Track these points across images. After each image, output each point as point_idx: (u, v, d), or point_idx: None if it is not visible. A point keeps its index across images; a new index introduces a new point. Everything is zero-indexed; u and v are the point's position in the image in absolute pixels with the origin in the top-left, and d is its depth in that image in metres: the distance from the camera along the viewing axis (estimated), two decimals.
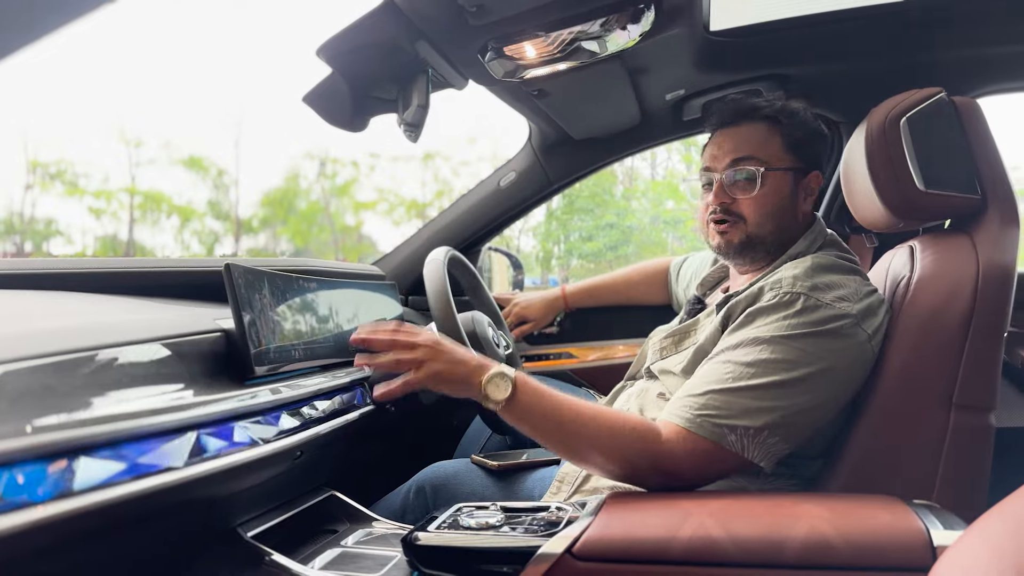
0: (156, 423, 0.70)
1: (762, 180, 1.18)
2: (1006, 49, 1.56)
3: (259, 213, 14.67)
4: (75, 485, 0.60)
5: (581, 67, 1.30)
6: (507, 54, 1.16)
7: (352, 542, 1.10)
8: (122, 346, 0.75)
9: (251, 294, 0.99)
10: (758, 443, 0.97)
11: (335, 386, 1.17)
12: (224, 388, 0.87)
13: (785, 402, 0.98)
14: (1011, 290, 1.04)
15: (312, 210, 14.62)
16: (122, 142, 15.73)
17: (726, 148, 1.21)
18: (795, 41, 1.55)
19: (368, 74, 1.17)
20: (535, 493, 1.23)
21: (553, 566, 0.83)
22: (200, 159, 14.75)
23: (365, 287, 1.46)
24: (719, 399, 0.98)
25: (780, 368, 0.99)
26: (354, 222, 14.92)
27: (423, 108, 1.17)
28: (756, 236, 1.20)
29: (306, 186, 14.75)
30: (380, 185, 15.38)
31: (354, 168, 14.51)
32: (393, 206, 14.67)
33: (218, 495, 0.85)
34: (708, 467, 0.99)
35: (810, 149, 1.21)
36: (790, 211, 1.20)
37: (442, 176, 15.12)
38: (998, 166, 1.13)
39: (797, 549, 0.81)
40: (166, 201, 14.56)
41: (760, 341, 1.01)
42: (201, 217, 14.84)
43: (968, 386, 1.01)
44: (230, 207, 14.98)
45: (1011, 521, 0.56)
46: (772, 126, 1.20)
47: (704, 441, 0.97)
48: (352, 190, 15.04)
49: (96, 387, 0.68)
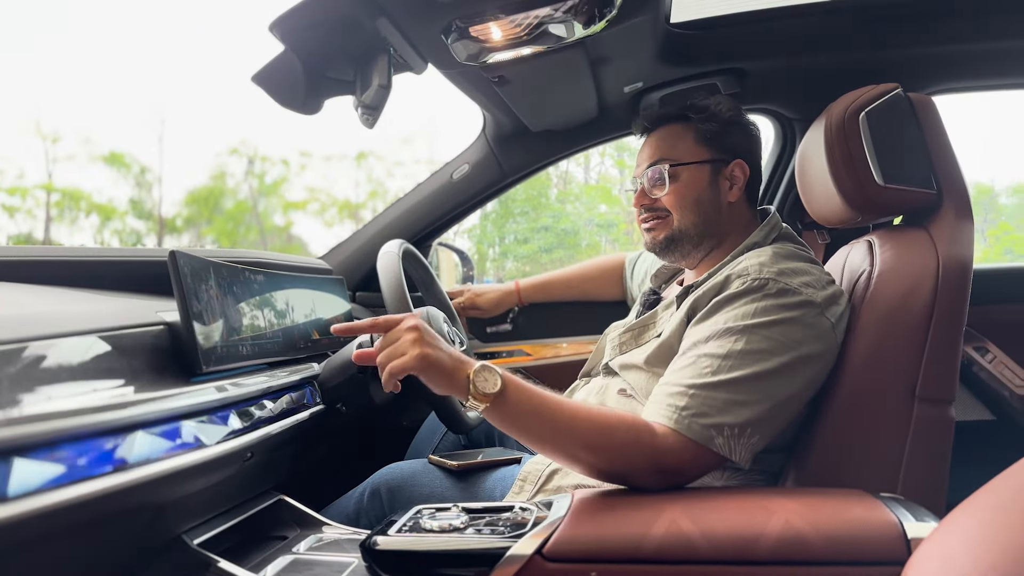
0: (96, 421, 0.64)
1: (672, 177, 1.23)
2: (959, 48, 1.60)
3: (183, 212, 14.15)
4: (10, 490, 0.53)
5: (544, 54, 1.28)
6: (472, 35, 1.12)
7: (304, 548, 1.05)
8: (56, 338, 0.68)
9: (197, 285, 0.92)
10: (742, 443, 0.96)
11: (284, 384, 1.12)
12: (168, 385, 0.81)
13: (762, 395, 0.97)
14: (969, 284, 1.06)
15: (239, 209, 14.21)
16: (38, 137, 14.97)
17: (645, 154, 1.29)
18: (753, 35, 1.56)
19: (324, 52, 1.11)
20: (496, 493, 1.19)
21: (523, 568, 0.80)
22: (121, 155, 14.15)
23: (313, 281, 1.39)
24: (700, 395, 0.97)
25: (755, 359, 0.98)
26: (283, 222, 14.57)
27: (384, 88, 1.12)
28: (680, 230, 1.24)
29: (233, 184, 14.33)
30: (311, 184, 15.06)
31: (284, 167, 14.19)
32: (325, 206, 14.39)
33: (164, 500, 0.79)
34: (696, 467, 0.97)
35: (727, 140, 1.24)
36: (712, 202, 1.23)
37: (376, 176, 14.89)
38: (952, 161, 1.15)
39: (771, 544, 0.80)
40: (85, 199, 13.92)
41: (732, 332, 1.00)
42: (122, 216, 14.24)
43: (930, 379, 1.02)
44: (153, 206, 14.43)
45: (986, 513, 0.55)
46: (683, 124, 1.26)
47: (690, 443, 0.95)
48: (281, 189, 14.69)
49: (29, 382, 0.62)
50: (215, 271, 0.99)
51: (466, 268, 2.24)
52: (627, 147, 10.84)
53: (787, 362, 0.99)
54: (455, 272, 2.25)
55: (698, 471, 0.98)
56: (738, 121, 1.26)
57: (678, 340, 1.10)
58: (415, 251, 1.55)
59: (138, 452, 0.68)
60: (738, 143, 1.25)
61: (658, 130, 1.28)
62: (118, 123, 16.41)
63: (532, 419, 0.95)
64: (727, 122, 1.24)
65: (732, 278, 1.07)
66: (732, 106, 1.26)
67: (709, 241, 1.25)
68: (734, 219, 1.25)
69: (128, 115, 16.46)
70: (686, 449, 0.95)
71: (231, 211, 14.16)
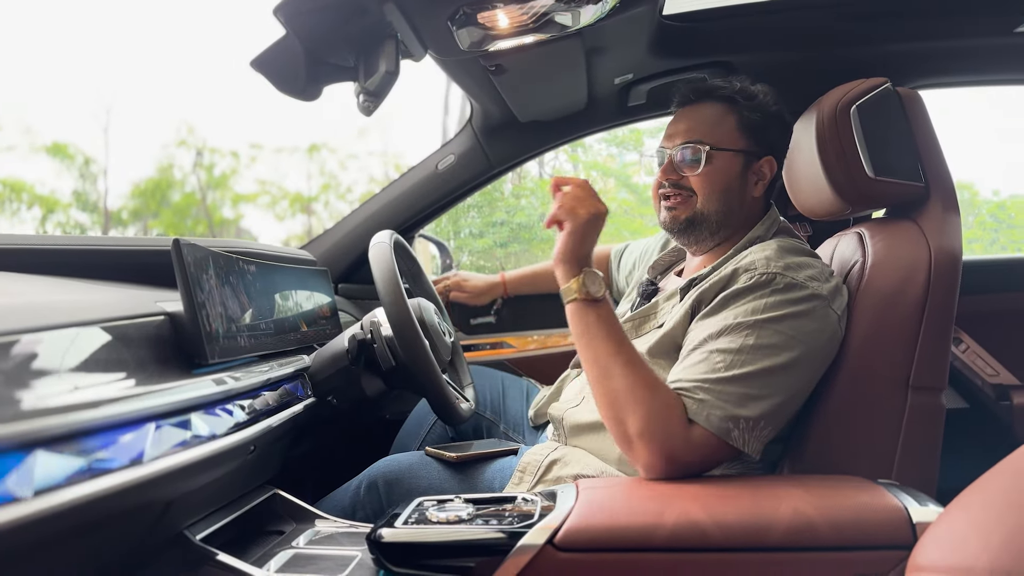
0: (114, 413, 0.62)
1: (708, 159, 1.20)
2: (941, 44, 1.63)
3: (129, 205, 13.74)
4: (35, 484, 0.51)
5: (544, 43, 1.27)
6: (479, 21, 1.10)
7: (304, 543, 1.03)
8: (62, 328, 0.65)
9: (199, 274, 0.90)
10: (755, 436, 0.97)
11: (281, 376, 1.10)
12: (174, 377, 0.79)
13: (774, 388, 0.98)
14: (959, 274, 1.08)
15: (187, 202, 13.82)
16: None
17: (680, 128, 1.24)
18: (741, 29, 1.57)
19: (327, 38, 1.09)
20: (495, 484, 1.18)
21: (535, 558, 0.80)
22: (65, 146, 13.63)
23: (299, 272, 1.37)
24: (716, 390, 0.97)
25: (767, 353, 0.99)
26: (233, 215, 14.26)
27: (392, 75, 1.10)
28: (702, 214, 1.22)
29: (181, 177, 13.96)
30: (262, 177, 14.73)
31: (234, 159, 13.87)
32: (276, 199, 14.05)
33: (175, 494, 0.76)
34: (709, 459, 0.98)
35: (766, 133, 1.22)
36: (738, 193, 1.22)
37: (329, 169, 14.62)
38: (939, 155, 1.17)
39: (782, 531, 0.81)
40: (27, 190, 13.42)
41: (743, 327, 1.01)
42: (66, 208, 13.74)
43: (923, 368, 1.04)
44: (98, 198, 13.95)
45: (992, 496, 0.57)
46: (729, 107, 1.22)
47: (709, 435, 0.96)
48: (231, 182, 14.37)
49: (41, 374, 0.59)
50: (214, 260, 0.97)
51: (444, 259, 2.22)
52: (580, 142, 10.91)
53: (797, 355, 1.00)
54: (432, 263, 2.24)
55: (708, 465, 0.99)
56: (780, 116, 1.24)
57: (682, 332, 1.11)
58: (404, 242, 1.53)
59: (153, 445, 0.66)
60: (774, 139, 1.24)
61: (699, 106, 1.24)
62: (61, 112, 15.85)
63: (604, 334, 1.03)
64: (771, 116, 1.22)
65: (739, 272, 1.08)
66: (776, 99, 1.23)
67: (724, 231, 1.24)
68: (751, 213, 1.25)
69: (72, 104, 15.91)
70: (705, 441, 0.96)
71: (179, 204, 13.78)
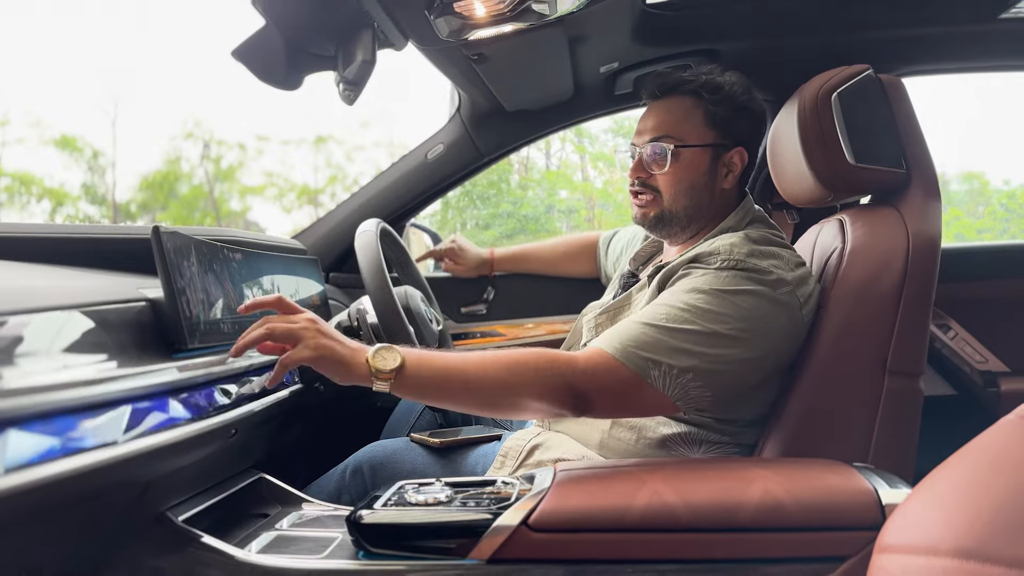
0: (89, 395, 0.63)
1: (674, 157, 1.20)
2: (928, 30, 1.64)
3: (137, 197, 13.74)
4: (6, 462, 0.52)
5: (525, 31, 1.27)
6: (455, 10, 1.11)
7: (287, 525, 1.04)
8: (42, 312, 0.67)
9: (180, 261, 0.91)
10: (680, 384, 0.97)
11: (266, 362, 1.11)
12: (153, 360, 0.80)
13: (714, 351, 0.99)
14: (937, 260, 1.09)
15: (195, 195, 13.81)
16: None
17: (649, 124, 1.24)
18: (725, 17, 1.58)
19: (306, 27, 1.09)
20: (478, 469, 1.20)
21: (509, 538, 0.82)
22: (73, 139, 13.63)
23: (288, 261, 1.38)
24: (650, 334, 0.98)
25: (715, 319, 1.00)
26: (240, 207, 14.25)
27: (368, 64, 1.11)
28: (670, 211, 1.23)
29: (188, 169, 13.94)
30: (269, 169, 14.69)
31: (241, 151, 13.84)
32: (283, 191, 14.05)
33: (152, 475, 0.78)
34: (624, 397, 0.99)
35: (735, 125, 1.22)
36: (707, 187, 1.22)
37: (335, 161, 14.59)
38: (921, 142, 1.18)
39: (751, 512, 0.82)
40: (36, 183, 13.42)
41: (699, 290, 1.02)
42: (75, 201, 13.75)
43: (901, 352, 1.06)
44: (106, 190, 13.95)
45: (957, 478, 0.58)
46: (696, 100, 1.21)
47: (626, 370, 0.97)
48: (238, 174, 14.35)
49: (19, 355, 0.61)
50: (196, 248, 0.98)
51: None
52: (587, 133, 10.82)
53: (745, 328, 1.01)
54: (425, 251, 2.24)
55: (624, 403, 1.00)
56: (748, 106, 1.23)
57: None
58: (391, 230, 1.55)
59: (129, 426, 0.68)
60: (744, 130, 1.23)
61: (667, 99, 1.23)
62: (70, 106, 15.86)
63: (441, 382, 0.96)
64: (739, 107, 1.21)
65: (702, 256, 1.09)
66: (745, 88, 1.23)
67: (696, 224, 1.24)
68: (724, 203, 1.25)
69: (80, 97, 15.92)
70: (618, 377, 0.96)
71: (186, 196, 13.77)
